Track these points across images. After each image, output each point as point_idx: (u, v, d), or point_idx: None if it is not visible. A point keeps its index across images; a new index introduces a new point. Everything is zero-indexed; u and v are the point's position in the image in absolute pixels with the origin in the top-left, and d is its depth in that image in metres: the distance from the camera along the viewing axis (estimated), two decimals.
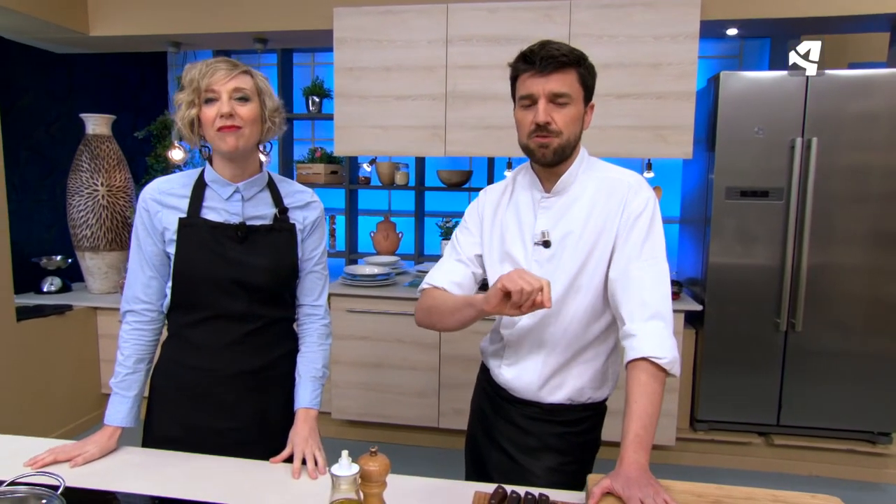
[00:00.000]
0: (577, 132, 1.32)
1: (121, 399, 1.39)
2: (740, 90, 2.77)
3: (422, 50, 3.02)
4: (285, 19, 3.26)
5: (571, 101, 1.28)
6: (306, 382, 1.45)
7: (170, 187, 1.41)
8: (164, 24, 3.40)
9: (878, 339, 2.81)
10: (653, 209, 1.32)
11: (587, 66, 1.30)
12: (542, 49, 1.28)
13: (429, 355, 3.10)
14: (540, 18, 2.91)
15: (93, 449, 1.32)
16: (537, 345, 1.38)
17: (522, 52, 1.31)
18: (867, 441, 2.90)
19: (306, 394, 1.44)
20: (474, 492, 1.22)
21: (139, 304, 1.41)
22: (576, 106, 1.29)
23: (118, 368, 1.40)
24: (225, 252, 1.36)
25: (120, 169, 3.60)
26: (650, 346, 1.19)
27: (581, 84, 1.29)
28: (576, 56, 1.28)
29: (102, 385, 3.45)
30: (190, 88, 1.31)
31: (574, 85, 1.28)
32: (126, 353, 1.40)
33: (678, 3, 2.78)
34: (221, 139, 1.30)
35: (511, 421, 1.45)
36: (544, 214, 1.37)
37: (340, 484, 0.91)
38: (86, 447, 1.32)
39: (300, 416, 1.41)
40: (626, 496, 1.06)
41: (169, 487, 1.19)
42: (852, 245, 2.78)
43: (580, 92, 1.30)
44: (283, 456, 1.34)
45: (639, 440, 1.14)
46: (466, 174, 3.89)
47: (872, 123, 2.71)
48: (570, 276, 1.33)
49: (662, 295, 1.26)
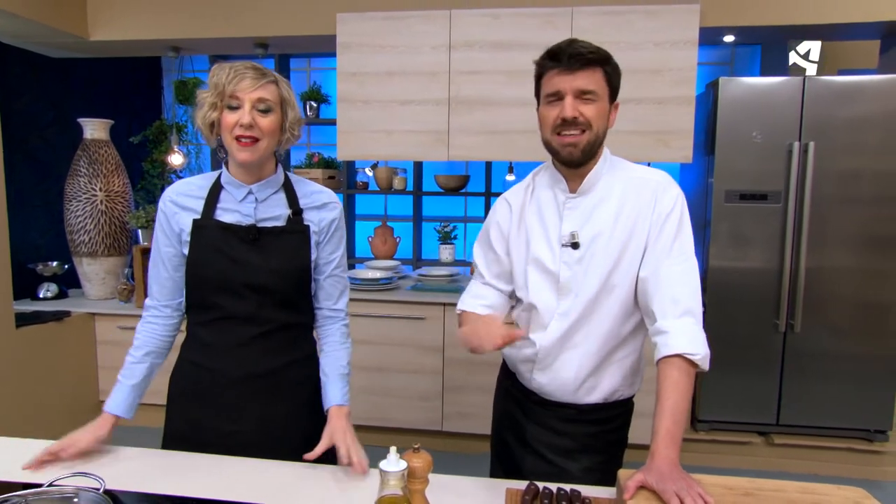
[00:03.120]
0: (604, 128, 1.34)
1: (120, 387, 1.42)
2: (739, 95, 2.83)
3: (425, 55, 3.05)
4: (287, 24, 3.26)
5: (598, 98, 1.30)
6: (335, 380, 1.45)
7: (188, 189, 1.42)
8: (165, 28, 3.39)
9: (873, 339, 2.87)
10: (682, 207, 1.34)
11: (613, 64, 1.32)
12: (569, 47, 1.29)
13: (432, 359, 3.11)
14: (542, 25, 2.95)
15: (84, 437, 1.35)
16: (572, 347, 1.38)
17: (548, 49, 1.32)
18: (864, 439, 2.96)
19: (336, 391, 1.44)
20: (506, 489, 1.24)
21: (154, 300, 1.44)
22: (602, 103, 1.31)
23: (127, 358, 1.43)
24: (235, 253, 1.36)
25: (118, 174, 3.57)
26: (683, 342, 1.20)
27: (607, 82, 1.31)
28: (602, 54, 1.30)
29: (101, 392, 3.41)
30: (215, 91, 1.31)
31: (600, 82, 1.30)
32: (136, 344, 1.44)
33: (678, 10, 2.84)
34: (238, 150, 1.32)
35: (544, 424, 1.45)
36: (570, 215, 1.37)
37: (389, 479, 0.92)
38: (76, 436, 1.35)
39: (334, 413, 1.41)
40: (659, 490, 1.08)
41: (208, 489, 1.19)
42: (848, 247, 2.84)
43: (606, 90, 1.31)
44: (319, 451, 1.33)
45: (670, 436, 1.16)
46: (464, 179, 3.92)
47: (866, 128, 2.78)
48: (602, 277, 1.34)
49: (693, 291, 1.27)
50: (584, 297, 1.35)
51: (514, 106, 3.00)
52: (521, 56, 2.97)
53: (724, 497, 1.08)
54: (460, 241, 4.16)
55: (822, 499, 1.10)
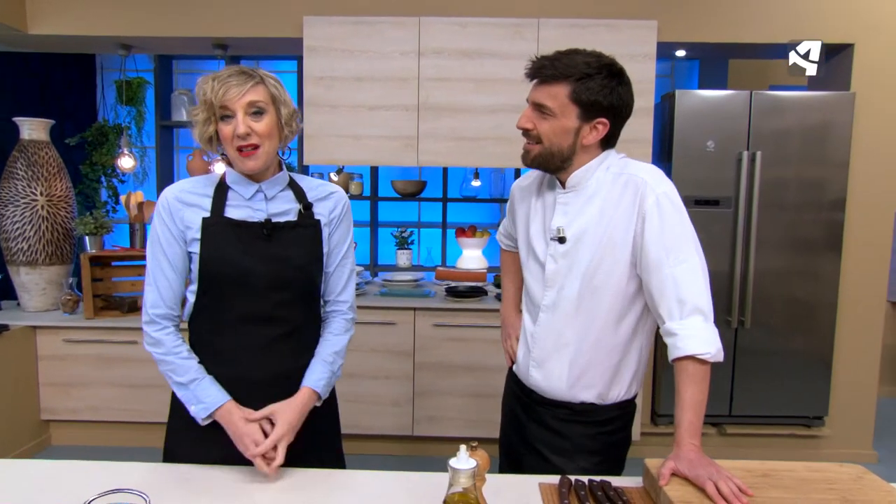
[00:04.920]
0: (564, 145, 1.32)
1: (212, 379, 1.34)
2: (693, 107, 3.01)
3: (395, 61, 3.06)
4: (249, 26, 3.18)
5: (554, 114, 1.30)
6: (316, 363, 1.41)
7: (192, 187, 1.38)
8: (114, 24, 3.22)
9: (809, 334, 3.13)
10: (669, 203, 1.28)
11: (589, 84, 1.27)
12: (540, 59, 1.31)
13: (403, 364, 3.11)
14: (509, 35, 3.03)
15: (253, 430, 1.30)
16: (562, 345, 1.40)
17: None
18: (804, 425, 3.22)
19: (313, 375, 1.39)
20: (538, 483, 1.27)
21: (161, 309, 1.35)
22: (559, 120, 1.30)
23: (188, 363, 1.33)
24: (251, 250, 1.33)
25: (60, 177, 3.35)
26: (693, 344, 1.23)
27: (573, 100, 1.28)
28: (571, 71, 1.27)
29: (42, 411, 3.18)
30: (204, 106, 1.28)
31: (560, 99, 1.28)
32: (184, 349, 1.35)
33: (637, 25, 3.00)
34: (241, 162, 1.31)
35: (543, 423, 1.47)
36: (561, 210, 1.39)
37: (459, 477, 0.93)
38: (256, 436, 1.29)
39: (299, 393, 1.36)
40: (692, 476, 1.15)
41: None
42: (791, 250, 3.08)
43: (570, 107, 1.29)
44: (258, 416, 1.32)
45: (693, 427, 1.24)
46: (421, 184, 3.94)
47: (804, 139, 3.03)
48: (584, 274, 1.35)
49: (699, 289, 1.26)
50: (567, 293, 1.38)
51: (483, 113, 3.06)
52: (490, 64, 3.04)
53: (745, 478, 1.17)
54: (416, 247, 4.18)
55: (829, 475, 1.20)
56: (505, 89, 3.03)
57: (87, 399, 3.18)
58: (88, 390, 3.17)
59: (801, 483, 1.17)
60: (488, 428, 3.13)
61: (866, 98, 3.06)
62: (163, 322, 1.35)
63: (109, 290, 3.32)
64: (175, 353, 1.34)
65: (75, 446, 3.27)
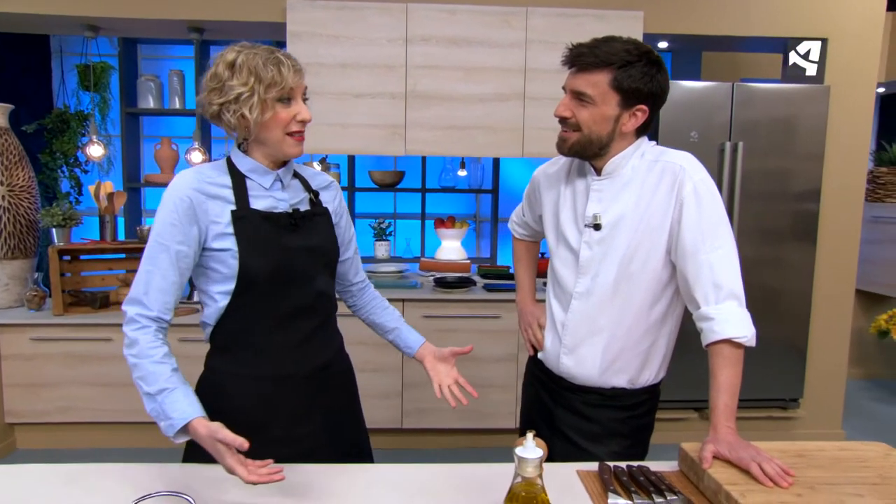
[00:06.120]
0: (603, 133, 1.32)
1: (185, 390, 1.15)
2: (677, 98, 3.05)
3: (382, 48, 2.99)
4: (229, 9, 3.05)
5: (594, 101, 1.29)
6: (407, 327, 1.57)
7: (209, 176, 1.28)
8: (81, 4, 3.04)
9: (787, 321, 3.24)
10: (706, 192, 1.31)
11: (630, 71, 1.27)
12: (580, 46, 1.30)
13: (391, 356, 3.07)
14: (498, 23, 3.00)
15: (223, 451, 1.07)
16: (596, 331, 1.41)
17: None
18: (780, 407, 3.34)
19: (414, 333, 1.56)
20: (576, 471, 1.27)
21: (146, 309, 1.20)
22: (600, 108, 1.29)
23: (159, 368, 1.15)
24: (284, 241, 1.28)
25: (22, 166, 3.16)
26: (730, 328, 1.26)
27: (614, 87, 1.28)
28: (612, 59, 1.26)
29: (6, 413, 3.01)
30: (262, 84, 1.19)
31: (601, 86, 1.28)
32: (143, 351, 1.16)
33: (624, 16, 3.02)
34: (291, 146, 1.26)
35: (572, 409, 1.48)
36: (596, 197, 1.39)
37: (527, 466, 0.92)
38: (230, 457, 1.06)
39: (427, 350, 1.51)
40: (735, 458, 1.16)
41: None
42: (768, 240, 3.17)
43: (611, 94, 1.28)
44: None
45: (728, 410, 1.25)
46: (399, 175, 3.90)
47: (783, 130, 3.12)
48: (621, 260, 1.36)
49: (733, 274, 1.30)
50: (603, 280, 1.39)
51: (472, 102, 3.03)
52: (478, 52, 3.01)
53: (782, 459, 1.18)
54: (393, 238, 4.12)
55: (859, 454, 1.23)
56: (493, 78, 3.01)
57: (57, 400, 3.02)
58: (58, 390, 3.01)
59: (835, 462, 1.19)
60: (478, 419, 3.13)
61: (839, 92, 3.17)
62: (143, 321, 1.20)
63: (78, 285, 3.16)
64: (148, 355, 1.16)
65: (43, 450, 3.10)
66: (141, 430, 3.01)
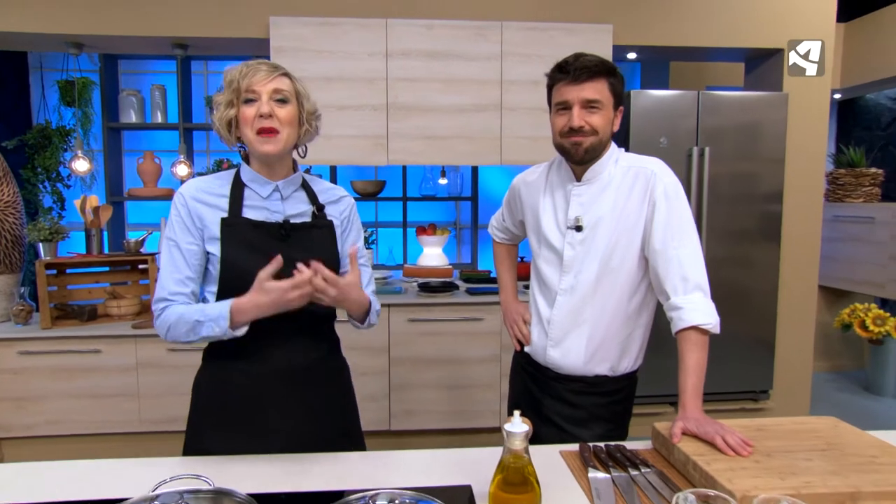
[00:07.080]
0: (609, 133, 1.51)
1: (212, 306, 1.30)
2: (647, 106, 3.22)
3: (363, 62, 3.10)
4: (213, 25, 3.14)
5: (603, 106, 1.47)
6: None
7: (208, 186, 1.40)
8: (64, 21, 3.09)
9: (756, 317, 3.40)
10: (675, 192, 1.47)
11: (617, 76, 1.48)
12: (576, 60, 1.45)
13: (378, 359, 3.15)
14: (474, 37, 3.13)
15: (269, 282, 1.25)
16: (580, 324, 1.54)
17: (558, 63, 1.49)
18: (752, 399, 3.49)
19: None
20: (559, 451, 1.37)
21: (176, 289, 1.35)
22: (606, 111, 1.48)
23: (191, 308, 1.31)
24: (269, 250, 1.34)
25: (6, 182, 3.19)
26: (697, 315, 1.40)
27: (611, 91, 1.47)
28: (607, 66, 1.46)
29: None
30: (229, 89, 1.33)
31: (605, 92, 1.47)
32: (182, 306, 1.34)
33: (594, 29, 3.17)
34: (260, 143, 1.33)
35: (559, 397, 1.61)
36: (576, 201, 1.54)
37: (515, 440, 1.02)
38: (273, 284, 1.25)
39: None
40: (701, 433, 1.27)
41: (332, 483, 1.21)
42: (735, 240, 3.34)
43: (610, 98, 1.48)
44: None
45: (696, 390, 1.37)
46: (380, 184, 3.99)
47: (745, 136, 3.29)
48: (602, 257, 1.50)
49: (699, 268, 1.44)
50: (586, 276, 1.52)
51: (451, 112, 3.15)
52: (456, 65, 3.13)
53: (743, 432, 1.30)
54: (375, 246, 4.22)
55: (812, 426, 1.36)
56: (470, 89, 3.14)
57: (45, 413, 3.04)
58: (46, 404, 3.03)
59: (790, 433, 1.32)
60: (464, 418, 3.22)
61: (796, 99, 3.36)
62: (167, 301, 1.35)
63: (65, 299, 3.19)
64: (181, 311, 1.32)
65: (30, 463, 3.10)
66: (130, 442, 3.05)
